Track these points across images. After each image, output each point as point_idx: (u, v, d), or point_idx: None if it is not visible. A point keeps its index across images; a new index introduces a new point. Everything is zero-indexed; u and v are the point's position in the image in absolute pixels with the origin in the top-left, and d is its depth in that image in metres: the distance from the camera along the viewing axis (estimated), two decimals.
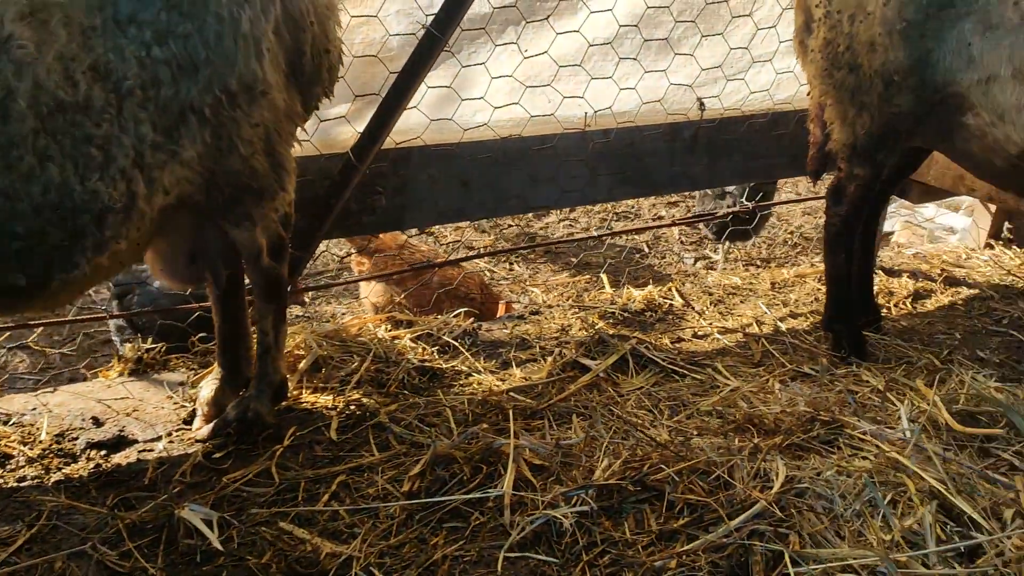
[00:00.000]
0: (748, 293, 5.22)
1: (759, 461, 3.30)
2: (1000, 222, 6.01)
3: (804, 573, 2.77)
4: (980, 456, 3.36)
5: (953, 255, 5.93)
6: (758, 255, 6.88)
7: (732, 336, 4.60)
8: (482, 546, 2.98)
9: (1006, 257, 5.82)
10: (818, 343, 4.53)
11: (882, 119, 3.77)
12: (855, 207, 4.11)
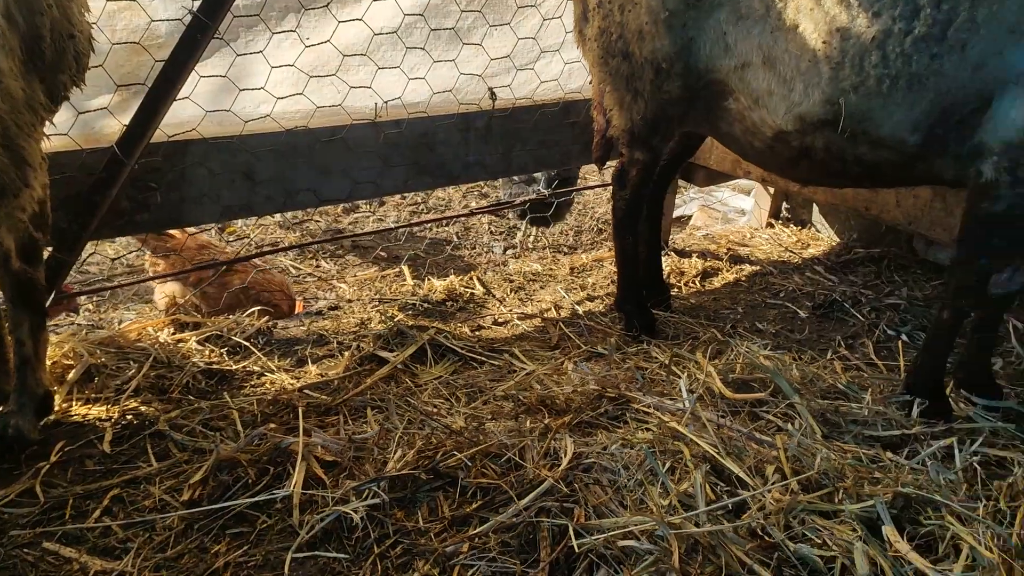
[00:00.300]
0: (548, 279, 5.34)
1: (548, 440, 3.37)
2: (778, 203, 6.45)
3: (586, 544, 2.86)
4: (751, 419, 3.58)
5: (739, 235, 6.30)
6: (565, 242, 7.05)
7: (531, 321, 4.69)
8: (268, 549, 2.89)
9: (784, 235, 6.24)
10: (612, 324, 4.69)
11: (655, 105, 3.94)
12: (637, 191, 4.28)
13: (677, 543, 2.82)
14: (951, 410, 3.79)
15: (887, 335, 4.73)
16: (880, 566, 2.74)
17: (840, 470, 3.15)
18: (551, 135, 5.09)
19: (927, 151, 3.46)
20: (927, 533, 2.92)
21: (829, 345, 4.56)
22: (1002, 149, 3.26)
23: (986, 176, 3.35)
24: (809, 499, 3.00)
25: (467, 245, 6.88)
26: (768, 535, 2.89)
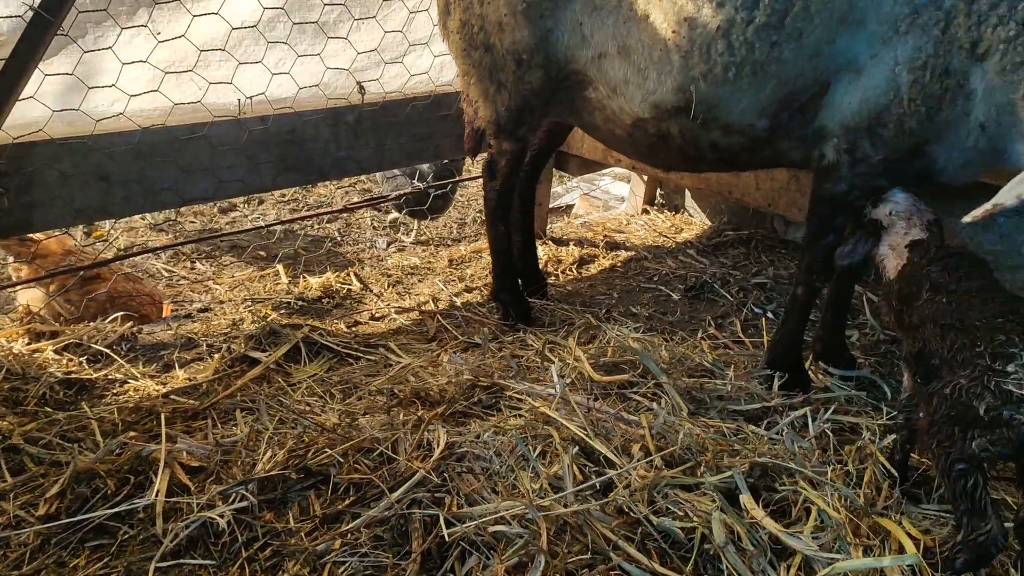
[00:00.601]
0: (427, 272, 5.34)
1: (421, 432, 3.38)
2: (653, 190, 6.62)
3: (457, 532, 2.88)
4: (621, 401, 3.67)
5: (616, 222, 6.44)
6: (449, 235, 7.05)
7: (409, 315, 4.68)
8: (131, 560, 2.81)
9: (659, 221, 6.42)
10: (490, 314, 4.73)
11: (519, 96, 3.99)
12: (507, 181, 4.32)
13: (546, 525, 2.88)
14: (810, 382, 3.98)
15: (754, 313, 4.92)
16: (737, 532, 2.86)
17: (702, 444, 3.27)
18: (424, 128, 5.09)
19: (775, 135, 3.61)
20: (782, 499, 3.06)
21: (700, 325, 4.71)
22: (841, 132, 3.43)
23: (828, 158, 3.53)
24: (672, 474, 3.10)
25: (349, 241, 6.81)
26: (633, 511, 2.98)
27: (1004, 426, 2.52)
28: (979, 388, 2.58)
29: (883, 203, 3.37)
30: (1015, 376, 2.54)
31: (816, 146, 3.56)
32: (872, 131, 3.35)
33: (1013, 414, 2.51)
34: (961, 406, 2.61)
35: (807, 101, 3.46)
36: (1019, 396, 2.51)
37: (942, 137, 3.30)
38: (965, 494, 2.57)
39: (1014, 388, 2.52)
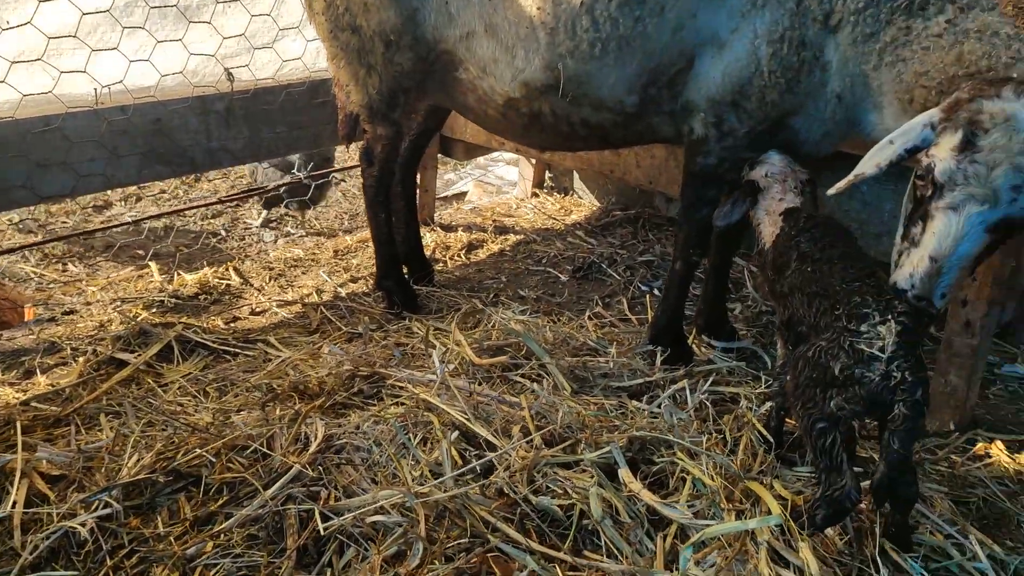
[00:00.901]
0: (311, 264, 5.21)
1: (297, 426, 3.28)
2: (541, 173, 6.62)
3: (332, 526, 2.81)
4: (504, 383, 3.64)
5: (505, 206, 6.42)
6: (340, 226, 6.91)
7: (291, 308, 4.56)
8: None
9: (548, 203, 6.42)
10: (376, 303, 4.64)
11: (389, 79, 3.91)
12: (385, 166, 4.24)
13: (424, 511, 2.84)
14: (692, 355, 4.03)
15: (640, 291, 4.97)
16: (615, 506, 2.86)
17: (582, 422, 3.27)
18: (300, 116, 4.95)
19: (645, 111, 3.63)
20: (660, 471, 3.08)
21: (587, 305, 4.73)
22: (707, 106, 3.47)
23: (697, 132, 3.57)
24: (552, 453, 3.09)
25: (235, 237, 6.60)
26: (513, 492, 2.96)
27: (856, 384, 2.60)
28: (836, 349, 2.65)
29: (759, 165, 3.45)
30: (867, 335, 2.62)
31: (685, 121, 3.60)
32: (736, 104, 3.40)
33: (864, 372, 2.59)
34: (820, 367, 2.68)
35: (674, 76, 3.49)
36: (869, 354, 2.59)
37: (802, 108, 3.37)
38: (824, 452, 2.64)
39: (865, 347, 2.60)
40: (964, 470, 3.40)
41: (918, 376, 2.56)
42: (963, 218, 2.58)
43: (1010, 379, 4.15)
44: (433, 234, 5.74)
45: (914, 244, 2.71)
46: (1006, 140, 2.54)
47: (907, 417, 2.55)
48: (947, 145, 2.61)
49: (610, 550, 2.73)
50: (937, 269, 2.62)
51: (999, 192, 2.56)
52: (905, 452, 2.58)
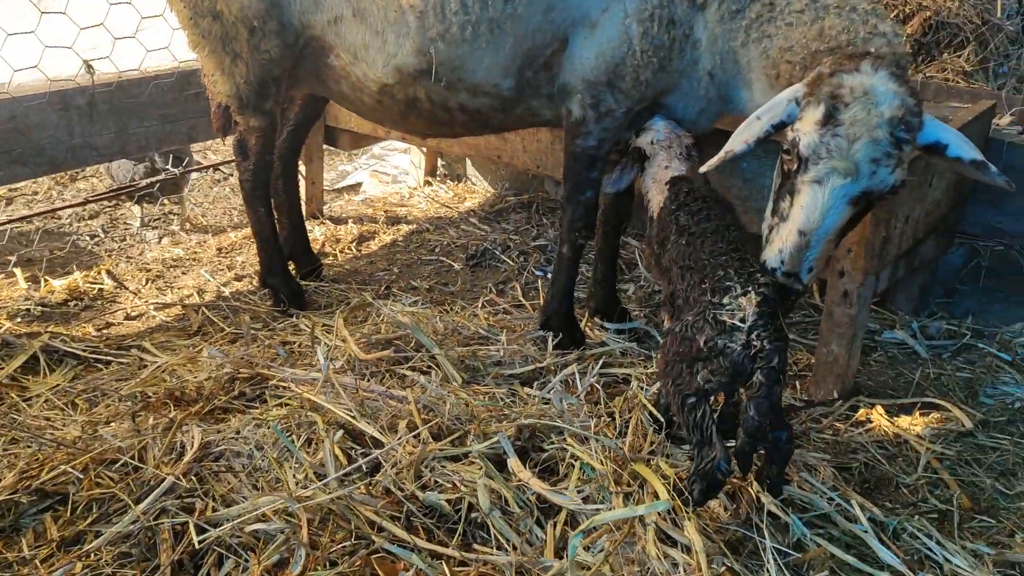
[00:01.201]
0: (192, 263, 5.00)
1: (171, 435, 3.13)
2: (434, 160, 6.52)
3: (209, 538, 2.68)
4: (393, 377, 3.55)
5: (397, 196, 6.30)
6: (230, 222, 6.66)
7: (170, 311, 4.36)
8: None
9: (442, 191, 6.34)
10: (261, 301, 4.48)
11: (257, 67, 3.75)
12: (261, 159, 4.08)
13: (307, 515, 2.73)
14: (584, 338, 4.02)
15: (535, 276, 4.94)
16: (504, 497, 2.82)
17: (470, 413, 3.21)
18: (172, 109, 4.73)
19: (522, 95, 3.58)
20: (550, 458, 3.05)
21: (481, 293, 4.67)
22: (584, 87, 3.44)
23: (575, 114, 3.53)
24: (439, 446, 3.03)
25: (115, 238, 6.28)
26: (401, 489, 2.88)
27: (720, 355, 2.61)
28: (700, 322, 2.66)
29: (645, 132, 3.44)
30: (729, 307, 2.64)
31: (563, 103, 3.56)
32: (612, 84, 3.37)
33: (727, 343, 2.60)
34: (686, 342, 2.69)
35: (549, 58, 3.44)
36: (731, 325, 2.60)
37: (677, 87, 3.38)
38: (695, 426, 2.65)
39: (727, 318, 2.62)
40: (847, 436, 3.48)
41: (776, 344, 2.58)
42: (827, 191, 2.62)
43: (889, 345, 4.28)
44: (323, 227, 5.58)
45: (783, 219, 2.74)
46: (865, 114, 2.59)
47: (762, 384, 2.57)
48: (811, 119, 2.65)
49: (500, 542, 2.69)
50: (806, 242, 2.66)
51: (860, 165, 2.60)
52: (761, 419, 2.59)
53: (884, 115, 2.60)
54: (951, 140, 2.79)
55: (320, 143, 5.56)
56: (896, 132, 2.62)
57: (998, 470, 3.34)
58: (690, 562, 2.52)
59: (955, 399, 3.79)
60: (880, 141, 2.58)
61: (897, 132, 2.62)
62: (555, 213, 5.86)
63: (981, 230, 4.46)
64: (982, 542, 2.92)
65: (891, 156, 2.62)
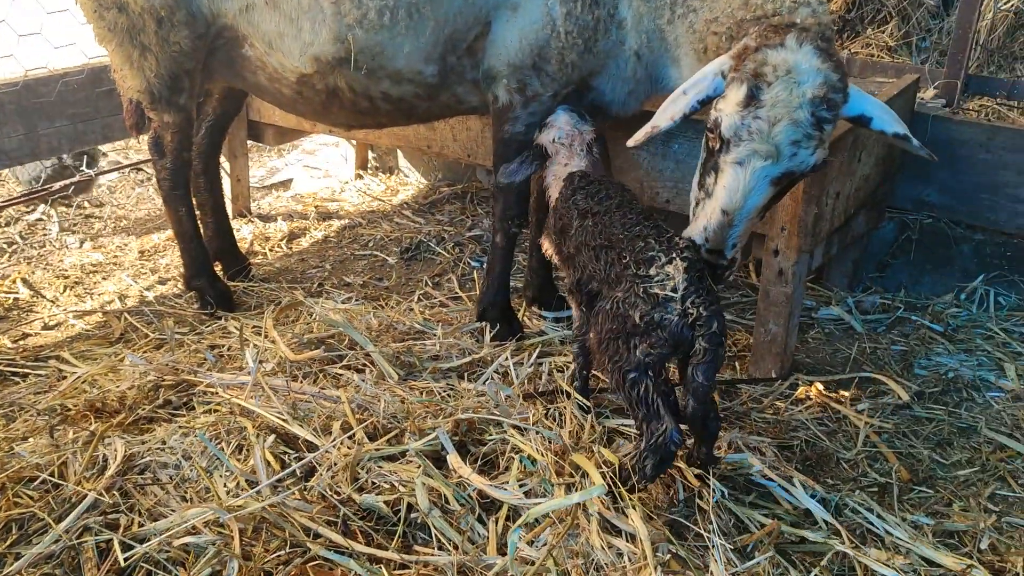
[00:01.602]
0: (113, 268, 4.80)
1: (92, 449, 2.98)
2: (364, 153, 6.39)
3: (135, 555, 2.55)
4: (326, 377, 3.44)
5: (328, 191, 6.15)
6: (154, 224, 6.43)
7: (90, 318, 4.17)
8: None
9: (374, 184, 6.20)
10: (188, 304, 4.32)
11: (168, 60, 3.59)
12: (179, 156, 3.91)
13: (239, 525, 2.62)
14: (521, 328, 3.95)
15: (471, 267, 4.85)
16: (444, 495, 2.74)
17: (406, 410, 3.12)
18: (84, 108, 4.53)
19: (446, 81, 3.49)
20: (490, 451, 2.98)
21: (416, 287, 4.57)
22: (508, 71, 3.36)
23: (502, 100, 3.46)
24: (376, 446, 2.93)
25: (35, 245, 6.02)
26: (337, 492, 2.79)
27: (658, 328, 2.58)
28: (632, 298, 2.63)
29: (547, 129, 3.39)
30: (657, 278, 2.61)
31: (489, 88, 3.48)
32: (537, 68, 3.31)
33: (663, 315, 2.58)
34: (620, 319, 2.65)
35: (472, 42, 3.36)
36: (664, 297, 2.58)
37: (604, 68, 3.32)
38: (640, 401, 2.62)
39: (659, 290, 2.59)
40: (788, 415, 3.48)
41: (712, 309, 2.59)
42: (749, 173, 2.61)
43: (826, 322, 4.30)
44: (251, 225, 5.42)
45: (708, 195, 2.73)
46: (787, 94, 2.56)
47: (707, 350, 2.59)
48: (733, 99, 2.62)
49: (442, 542, 2.61)
50: (729, 221, 2.65)
51: (780, 147, 2.59)
52: (709, 384, 2.62)
53: (806, 95, 2.57)
54: (875, 113, 2.80)
55: (244, 139, 5.39)
56: (818, 112, 2.59)
57: (934, 440, 3.38)
58: (635, 551, 2.48)
59: (891, 372, 3.82)
60: (801, 123, 2.56)
61: (819, 112, 2.60)
62: (489, 203, 5.79)
63: (910, 204, 4.52)
64: (921, 513, 2.94)
65: (811, 137, 2.61)
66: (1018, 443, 3.34)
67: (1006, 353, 3.97)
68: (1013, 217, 4.28)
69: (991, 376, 3.80)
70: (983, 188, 4.30)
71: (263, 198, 6.09)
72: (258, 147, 7.11)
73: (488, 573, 2.44)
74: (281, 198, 6.10)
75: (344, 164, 6.43)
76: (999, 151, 4.21)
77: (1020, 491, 3.09)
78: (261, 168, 6.92)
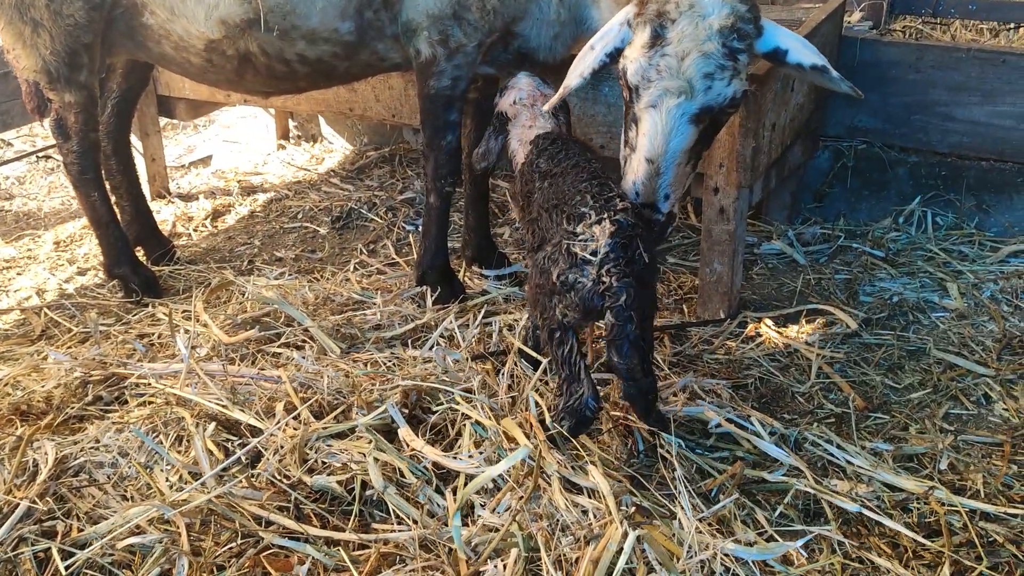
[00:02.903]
0: (28, 262, 4.54)
1: (20, 454, 2.80)
2: (285, 122, 6.15)
3: (75, 561, 2.41)
4: (263, 358, 3.30)
5: (251, 165, 5.92)
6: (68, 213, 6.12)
7: (6, 317, 3.93)
8: None
9: (297, 154, 5.99)
10: (111, 293, 4.11)
11: (63, 35, 3.35)
12: (85, 138, 3.67)
13: (185, 521, 2.49)
14: (463, 289, 3.84)
15: (405, 231, 4.71)
16: (398, 469, 2.64)
17: (351, 384, 3.00)
18: None
19: (365, 38, 3.32)
20: (441, 420, 2.88)
21: (351, 256, 4.41)
22: (429, 23, 3.21)
23: (424, 54, 3.31)
24: (323, 424, 2.82)
25: None
26: (286, 477, 2.67)
27: (571, 291, 2.48)
28: (555, 254, 2.53)
29: (507, 92, 3.23)
30: (582, 237, 2.49)
31: (410, 43, 3.32)
32: (458, 16, 3.17)
33: (577, 278, 2.47)
34: (545, 274, 2.56)
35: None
36: (582, 258, 2.47)
37: (527, 13, 3.21)
38: (564, 361, 2.54)
39: (579, 250, 2.48)
40: (740, 354, 3.45)
41: (624, 281, 2.43)
42: (664, 114, 2.52)
43: (769, 256, 4.29)
44: (171, 206, 5.17)
45: (632, 149, 2.63)
46: (693, 28, 2.47)
47: (615, 326, 2.44)
48: (638, 43, 2.54)
49: (401, 517, 2.52)
50: (655, 169, 2.56)
51: (692, 82, 2.50)
52: (626, 362, 2.46)
53: (713, 27, 2.48)
54: (791, 46, 2.68)
55: (155, 115, 5.12)
56: (729, 42, 2.50)
57: (885, 366, 3.39)
58: (599, 506, 2.42)
59: (837, 302, 3.82)
60: (711, 54, 2.47)
61: (730, 42, 2.51)
62: (419, 164, 5.62)
63: (843, 130, 4.50)
64: (879, 439, 2.95)
65: (725, 68, 2.51)
66: (967, 361, 3.37)
67: (947, 273, 4.00)
68: (945, 136, 4.30)
69: (935, 297, 3.82)
70: (915, 109, 4.30)
71: (182, 177, 5.82)
72: (172, 124, 6.79)
73: (453, 545, 2.35)
74: (201, 175, 5.84)
75: (265, 135, 6.19)
76: (928, 70, 4.21)
77: (973, 408, 3.12)
78: (177, 146, 6.62)
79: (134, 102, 4.19)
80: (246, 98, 4.77)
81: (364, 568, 2.33)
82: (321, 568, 2.37)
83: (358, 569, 2.32)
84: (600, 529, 2.35)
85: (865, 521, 2.55)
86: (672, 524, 2.38)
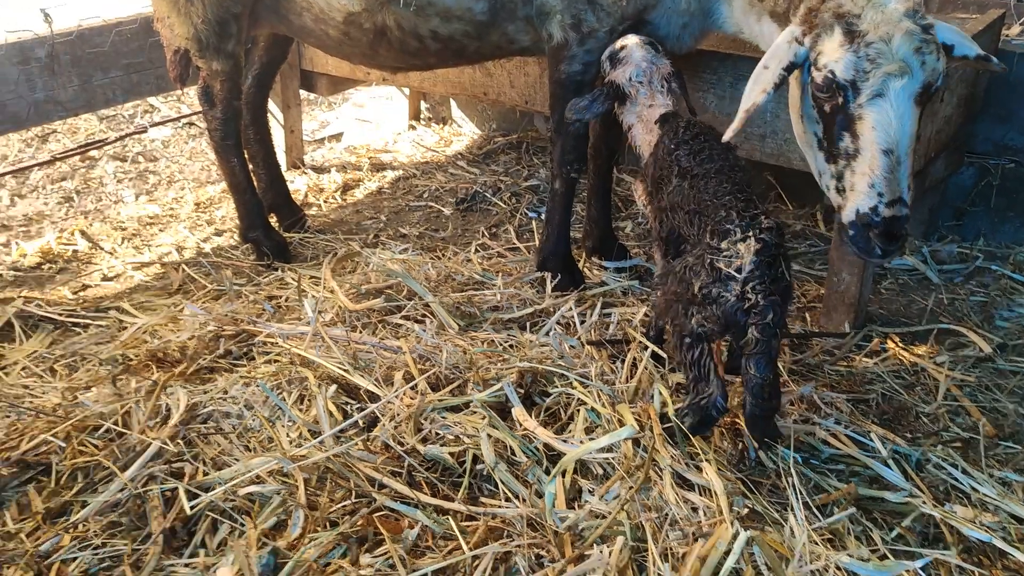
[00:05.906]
0: (170, 220, 4.79)
1: (155, 398, 2.97)
2: (417, 103, 6.28)
3: (200, 503, 2.54)
4: (385, 327, 3.39)
5: (381, 142, 6.07)
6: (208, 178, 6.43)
7: (148, 270, 4.17)
8: None
9: (427, 135, 6.11)
10: (244, 256, 4.30)
11: (213, 4, 3.51)
12: (229, 106, 3.85)
13: (303, 475, 2.59)
14: (582, 279, 3.85)
15: (528, 217, 4.75)
16: (510, 447, 2.68)
17: (469, 360, 3.05)
18: (138, 58, 4.48)
19: (497, 18, 3.37)
20: (555, 403, 2.90)
21: (473, 238, 4.48)
22: (563, 7, 3.23)
23: (556, 38, 3.33)
24: (439, 396, 2.88)
25: (93, 197, 6.05)
26: (401, 443, 2.74)
27: (713, 304, 2.49)
28: (698, 267, 2.53)
29: (620, 65, 3.16)
30: (726, 253, 2.49)
31: (543, 26, 3.35)
32: (592, 2, 3.18)
33: (721, 292, 2.48)
34: (684, 284, 2.57)
35: None
36: (726, 274, 2.47)
37: (659, 1, 3.20)
38: (693, 363, 2.55)
39: (723, 266, 2.48)
40: (862, 368, 3.34)
41: (771, 299, 2.44)
42: (892, 98, 2.48)
43: (900, 272, 4.12)
44: (304, 177, 5.37)
45: (852, 157, 2.57)
46: (882, 15, 2.45)
47: (759, 341, 2.45)
48: (833, 46, 2.50)
49: (508, 495, 2.55)
50: (896, 160, 2.50)
51: (908, 59, 2.46)
52: (762, 377, 2.48)
53: (900, 9, 2.49)
54: (955, 40, 2.70)
55: (296, 89, 5.32)
56: (918, 20, 2.51)
57: (1020, 394, 3.22)
58: (711, 505, 2.39)
59: (970, 324, 3.65)
60: (912, 31, 2.47)
61: (919, 20, 2.51)
62: (546, 152, 5.65)
63: (991, 147, 4.28)
64: (1009, 469, 2.80)
65: (928, 42, 2.50)
66: None
67: None
68: None
69: None
70: None
71: (315, 150, 6.03)
72: (308, 100, 7.04)
73: (559, 527, 2.37)
74: (334, 150, 6.03)
75: (397, 115, 6.34)
76: None
77: None
78: (312, 121, 6.86)
79: (273, 74, 4.36)
80: (385, 76, 4.89)
81: (471, 539, 2.36)
82: (429, 534, 2.43)
83: (465, 539, 2.36)
84: (709, 528, 2.32)
85: (988, 551, 2.44)
86: (783, 531, 2.33)
